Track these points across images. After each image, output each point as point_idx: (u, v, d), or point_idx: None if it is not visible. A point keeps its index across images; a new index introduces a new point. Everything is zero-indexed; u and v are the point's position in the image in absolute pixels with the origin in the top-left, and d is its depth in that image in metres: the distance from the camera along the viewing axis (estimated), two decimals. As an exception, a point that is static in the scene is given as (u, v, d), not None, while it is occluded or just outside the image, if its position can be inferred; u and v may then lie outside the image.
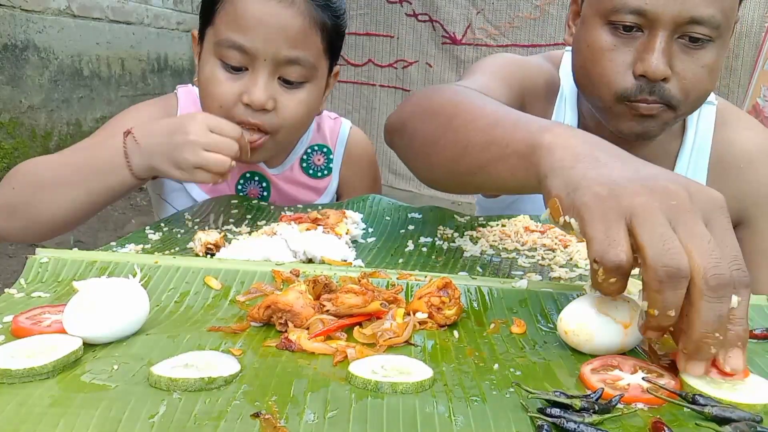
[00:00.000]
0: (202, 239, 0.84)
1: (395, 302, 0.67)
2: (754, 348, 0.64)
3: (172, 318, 0.66)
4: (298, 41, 1.00)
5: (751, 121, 1.19)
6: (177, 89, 1.21)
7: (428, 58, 3.35)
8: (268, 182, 1.19)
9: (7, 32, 3.19)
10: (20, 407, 0.46)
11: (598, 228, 0.53)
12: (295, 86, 1.03)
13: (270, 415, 0.46)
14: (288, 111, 1.02)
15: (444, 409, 0.49)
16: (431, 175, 0.89)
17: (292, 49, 0.99)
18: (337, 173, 1.25)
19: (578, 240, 0.57)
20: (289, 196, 1.20)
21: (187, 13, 4.85)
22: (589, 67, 1.02)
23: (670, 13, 0.92)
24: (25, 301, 0.67)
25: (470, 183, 0.81)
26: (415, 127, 0.89)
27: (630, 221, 0.52)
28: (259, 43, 0.98)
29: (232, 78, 1.01)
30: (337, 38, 1.08)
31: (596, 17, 0.99)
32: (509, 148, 0.68)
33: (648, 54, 0.95)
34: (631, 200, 0.53)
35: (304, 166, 1.22)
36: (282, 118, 1.02)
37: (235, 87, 1.00)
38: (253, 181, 1.19)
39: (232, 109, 1.01)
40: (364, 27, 3.41)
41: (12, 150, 3.27)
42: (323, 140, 1.25)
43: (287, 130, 1.05)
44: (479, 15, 3.22)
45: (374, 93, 3.49)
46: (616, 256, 0.52)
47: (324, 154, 1.23)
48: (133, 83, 4.27)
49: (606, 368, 0.56)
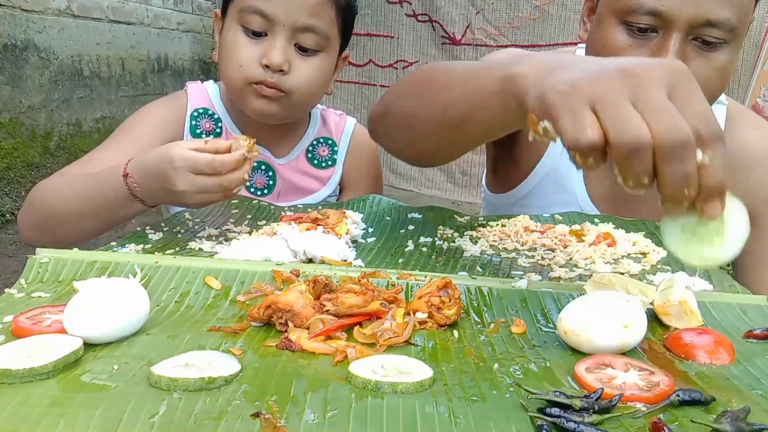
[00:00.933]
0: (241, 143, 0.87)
1: (395, 302, 0.67)
2: (754, 348, 0.64)
3: (173, 318, 0.66)
4: (315, 11, 1.09)
5: (759, 120, 1.18)
6: (186, 86, 1.26)
7: (428, 59, 3.35)
8: (274, 171, 1.23)
9: (7, 32, 3.19)
10: (20, 407, 0.46)
11: (567, 120, 0.57)
12: (310, 53, 1.11)
13: (270, 415, 0.46)
14: (302, 74, 1.11)
15: (444, 409, 0.49)
16: (419, 147, 0.90)
17: (309, 18, 1.08)
18: (341, 165, 1.29)
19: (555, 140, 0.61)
20: (294, 184, 1.23)
21: (187, 13, 4.85)
22: None
23: (685, 14, 0.92)
24: (25, 301, 0.67)
25: (457, 140, 0.83)
26: (396, 107, 0.93)
27: (593, 107, 0.57)
28: (279, 10, 1.07)
29: (253, 42, 1.09)
30: (350, 16, 1.16)
31: (611, 16, 0.99)
32: (487, 91, 0.73)
33: (662, 55, 0.95)
34: (591, 88, 0.57)
35: (309, 156, 1.26)
36: (296, 81, 1.10)
37: (255, 50, 1.09)
38: (260, 170, 1.23)
39: (250, 69, 1.09)
40: (365, 27, 3.41)
41: (12, 150, 3.27)
42: (328, 134, 1.30)
43: (300, 92, 1.12)
44: (479, 15, 3.22)
45: (375, 93, 3.49)
46: (586, 138, 0.56)
47: (329, 146, 1.28)
48: (133, 83, 4.27)
49: (599, 367, 0.56)
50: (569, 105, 0.57)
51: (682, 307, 0.68)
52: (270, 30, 1.08)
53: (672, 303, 0.68)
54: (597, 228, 1.00)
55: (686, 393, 0.51)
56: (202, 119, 1.21)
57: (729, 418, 0.47)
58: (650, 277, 0.82)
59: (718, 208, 0.58)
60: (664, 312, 0.68)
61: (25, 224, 1.07)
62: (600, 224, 1.03)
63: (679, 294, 0.68)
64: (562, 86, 0.59)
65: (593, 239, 0.94)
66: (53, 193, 1.04)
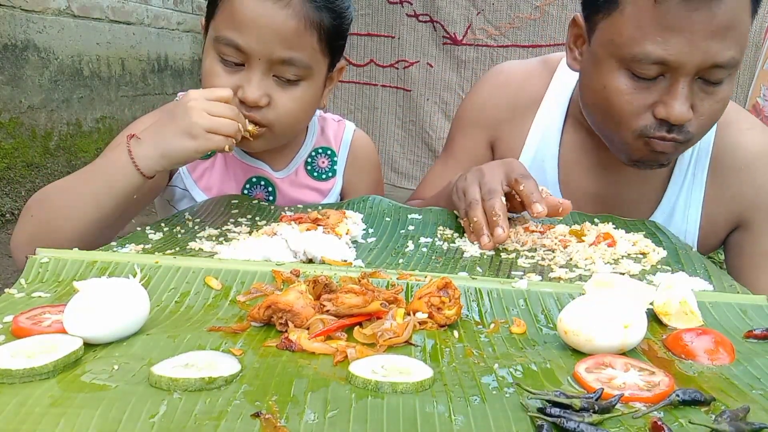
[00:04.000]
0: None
1: (395, 302, 0.67)
2: (754, 348, 0.64)
3: (173, 318, 0.66)
4: (293, 42, 1.01)
5: (752, 121, 1.18)
6: (178, 95, 1.21)
7: (429, 59, 3.35)
8: (273, 186, 1.21)
9: (7, 32, 3.19)
10: (20, 407, 0.46)
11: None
12: (291, 83, 1.05)
13: (270, 415, 0.46)
14: (283, 107, 1.05)
15: (444, 408, 0.49)
16: None
17: (286, 50, 1.01)
18: (341, 175, 1.26)
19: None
20: (294, 199, 1.21)
21: (187, 13, 4.85)
22: (606, 107, 1.02)
23: (693, 62, 0.92)
24: (25, 301, 0.67)
25: None
26: None
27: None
28: (253, 44, 1.00)
29: (230, 72, 1.03)
30: (337, 37, 1.08)
31: (612, 60, 0.98)
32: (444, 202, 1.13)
33: (672, 100, 0.94)
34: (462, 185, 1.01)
35: (308, 168, 1.23)
36: (277, 114, 1.05)
37: (231, 81, 1.03)
38: (259, 186, 1.21)
39: (229, 103, 1.01)
40: (366, 27, 3.40)
41: (12, 150, 3.27)
42: (327, 143, 1.27)
43: (283, 124, 1.07)
44: (479, 15, 3.22)
45: (376, 93, 3.49)
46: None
47: (328, 157, 1.25)
48: (133, 83, 4.26)
49: (599, 367, 0.56)
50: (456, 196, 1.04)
51: (682, 307, 0.68)
52: (246, 62, 1.02)
53: (672, 303, 0.68)
54: (597, 228, 1.00)
55: (686, 393, 0.51)
56: None
57: (728, 418, 0.47)
58: (650, 277, 0.82)
59: (540, 208, 0.91)
60: (664, 312, 0.68)
61: (21, 243, 0.99)
62: (600, 224, 1.03)
63: (679, 294, 0.68)
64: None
65: (593, 239, 0.94)
66: (53, 187, 1.02)
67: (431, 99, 3.33)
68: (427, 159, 3.36)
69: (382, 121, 3.43)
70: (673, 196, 1.16)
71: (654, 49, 0.92)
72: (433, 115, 3.33)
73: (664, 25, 0.91)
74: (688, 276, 0.80)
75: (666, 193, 1.17)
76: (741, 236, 1.15)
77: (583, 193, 1.18)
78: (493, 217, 0.92)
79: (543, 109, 1.21)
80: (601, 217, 1.08)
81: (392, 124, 3.42)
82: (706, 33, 0.90)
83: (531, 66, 1.27)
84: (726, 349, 0.61)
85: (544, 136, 1.21)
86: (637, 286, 0.72)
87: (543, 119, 1.21)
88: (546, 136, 1.21)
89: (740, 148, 1.13)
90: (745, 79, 2.98)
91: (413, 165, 3.42)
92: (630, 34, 0.94)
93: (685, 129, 0.97)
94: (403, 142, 3.43)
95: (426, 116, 3.35)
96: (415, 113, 3.36)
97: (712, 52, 0.91)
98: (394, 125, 3.42)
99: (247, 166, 1.20)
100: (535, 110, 1.22)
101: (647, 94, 0.97)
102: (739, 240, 1.16)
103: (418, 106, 3.35)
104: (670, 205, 1.16)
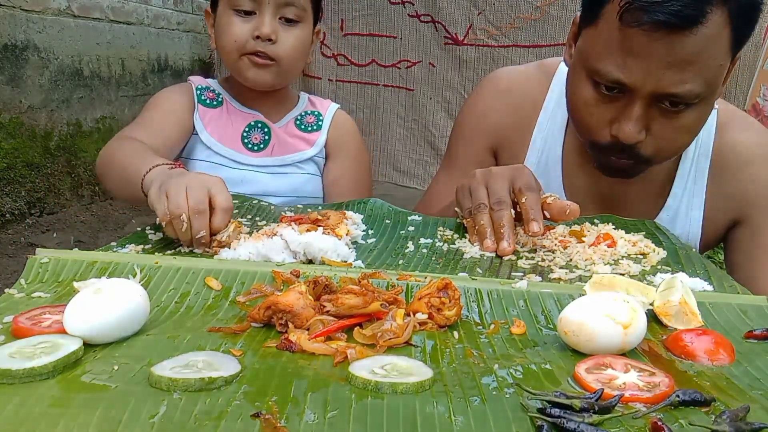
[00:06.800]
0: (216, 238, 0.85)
1: (395, 303, 0.67)
2: (753, 348, 0.64)
3: (173, 318, 0.66)
4: None
5: (750, 122, 1.20)
6: (189, 79, 1.49)
7: (431, 58, 3.35)
8: (269, 129, 1.43)
9: (7, 32, 3.19)
10: (20, 407, 0.46)
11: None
12: (292, 24, 1.34)
13: (270, 415, 0.46)
14: (287, 42, 1.34)
15: (444, 409, 0.49)
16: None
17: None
18: (325, 131, 1.49)
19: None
20: (286, 142, 1.44)
21: (187, 14, 4.85)
22: (572, 111, 1.07)
23: (646, 88, 0.94)
24: (25, 302, 0.67)
25: None
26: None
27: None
28: None
29: (244, 20, 1.32)
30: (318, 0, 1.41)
31: (581, 69, 1.01)
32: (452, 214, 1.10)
33: (624, 120, 0.97)
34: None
35: (297, 123, 1.49)
36: (283, 49, 1.33)
37: (246, 26, 1.31)
38: (257, 128, 1.43)
39: (244, 43, 1.31)
40: (367, 28, 3.40)
41: (12, 150, 3.27)
42: (314, 108, 1.54)
43: (288, 58, 1.35)
44: (480, 16, 3.22)
45: (378, 93, 3.49)
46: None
47: (315, 116, 1.51)
48: (133, 83, 4.26)
49: (599, 367, 0.56)
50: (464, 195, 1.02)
51: (682, 307, 0.68)
52: (257, 9, 1.31)
53: (672, 304, 0.68)
54: (597, 229, 1.00)
55: (686, 393, 0.51)
56: (206, 92, 1.43)
57: (728, 418, 0.47)
58: (650, 277, 0.82)
59: (536, 227, 0.91)
60: (664, 313, 0.68)
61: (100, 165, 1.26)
62: (600, 225, 1.03)
63: (679, 295, 0.68)
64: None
65: (593, 240, 0.94)
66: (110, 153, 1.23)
67: (434, 98, 3.33)
68: (429, 158, 3.36)
69: (384, 121, 3.42)
70: (676, 198, 1.17)
71: (612, 69, 0.95)
72: (435, 114, 3.33)
73: (624, 48, 0.93)
74: (688, 276, 0.80)
75: (670, 194, 1.17)
76: (740, 232, 1.16)
77: (587, 195, 1.19)
78: (500, 229, 0.92)
79: (544, 114, 1.22)
80: (601, 218, 1.08)
81: (394, 123, 3.42)
82: (662, 63, 0.91)
83: (529, 71, 1.29)
84: (726, 350, 0.61)
85: (547, 140, 1.22)
86: (637, 286, 0.72)
87: (545, 123, 1.22)
88: (549, 140, 1.21)
89: (738, 148, 1.14)
90: (744, 79, 2.98)
91: (416, 164, 3.42)
92: (597, 49, 0.97)
93: (637, 151, 0.99)
94: (406, 141, 3.43)
95: (429, 115, 3.35)
96: (418, 112, 3.36)
97: (666, 82, 0.92)
98: (396, 124, 3.42)
99: (248, 114, 1.44)
100: (537, 115, 1.22)
101: (607, 108, 0.99)
102: (738, 236, 1.16)
103: (420, 105, 3.35)
104: (674, 206, 1.17)
